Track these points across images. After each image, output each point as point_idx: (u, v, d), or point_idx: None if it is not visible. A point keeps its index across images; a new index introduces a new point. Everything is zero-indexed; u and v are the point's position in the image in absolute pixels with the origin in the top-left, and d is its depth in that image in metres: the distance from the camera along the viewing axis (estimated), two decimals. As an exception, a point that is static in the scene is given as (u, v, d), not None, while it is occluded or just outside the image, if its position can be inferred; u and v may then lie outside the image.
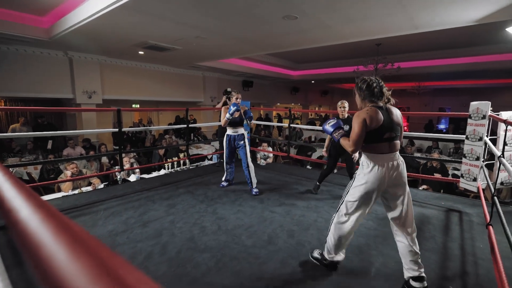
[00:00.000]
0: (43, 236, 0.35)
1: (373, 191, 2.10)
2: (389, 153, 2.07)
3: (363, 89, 2.13)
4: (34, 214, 0.42)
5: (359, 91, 2.18)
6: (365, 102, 2.15)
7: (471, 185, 3.71)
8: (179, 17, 5.15)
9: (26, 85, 7.74)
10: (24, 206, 0.46)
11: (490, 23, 5.16)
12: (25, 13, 6.03)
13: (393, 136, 2.08)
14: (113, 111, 4.92)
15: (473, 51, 10.09)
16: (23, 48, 7.49)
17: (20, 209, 0.46)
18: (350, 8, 4.67)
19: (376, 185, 2.06)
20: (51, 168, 6.27)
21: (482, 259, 2.51)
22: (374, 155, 2.08)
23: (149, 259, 2.45)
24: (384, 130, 2.04)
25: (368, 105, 2.11)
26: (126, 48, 7.64)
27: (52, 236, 0.35)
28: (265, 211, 3.56)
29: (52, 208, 0.44)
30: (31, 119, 9.61)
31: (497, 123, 3.43)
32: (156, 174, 5.75)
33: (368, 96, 2.13)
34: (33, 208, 0.44)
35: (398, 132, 2.12)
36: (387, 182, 2.07)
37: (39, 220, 0.40)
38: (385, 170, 2.04)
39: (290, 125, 6.15)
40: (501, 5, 4.27)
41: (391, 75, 10.74)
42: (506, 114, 3.36)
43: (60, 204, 3.78)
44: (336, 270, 2.32)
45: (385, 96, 2.12)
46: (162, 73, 11.18)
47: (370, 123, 2.01)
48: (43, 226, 0.38)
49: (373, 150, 2.08)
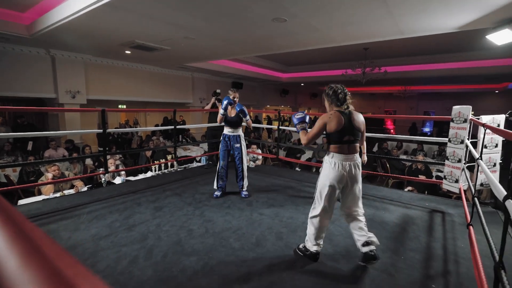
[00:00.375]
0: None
1: (334, 187, 2.37)
2: (348, 154, 2.36)
3: (330, 95, 2.44)
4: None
5: (327, 96, 2.48)
6: (332, 107, 2.45)
7: (454, 186, 3.80)
8: (167, 17, 5.07)
9: (5, 83, 7.44)
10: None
11: (472, 31, 5.39)
12: (4, 8, 5.82)
13: (352, 139, 2.37)
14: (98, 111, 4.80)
15: (457, 57, 10.48)
16: (2, 45, 7.21)
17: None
18: (338, 12, 4.74)
19: (337, 181, 2.35)
20: (31, 170, 6.08)
21: (463, 258, 2.59)
22: (336, 154, 2.36)
23: (134, 264, 2.37)
24: (344, 133, 2.33)
25: (334, 110, 2.40)
26: (112, 47, 7.49)
27: (5, 243, 0.31)
28: (253, 214, 3.52)
29: (14, 212, 0.38)
30: (10, 119, 9.29)
31: (477, 127, 3.51)
32: (142, 176, 5.63)
33: (334, 101, 2.42)
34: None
35: (358, 136, 2.41)
36: (346, 179, 2.37)
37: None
38: (344, 168, 2.34)
39: (279, 127, 6.14)
40: (481, 14, 4.46)
41: (378, 79, 10.96)
42: (486, 118, 3.46)
43: (40, 207, 3.65)
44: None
45: (346, 102, 2.40)
46: (150, 73, 11.02)
47: (330, 126, 2.32)
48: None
49: (334, 150, 2.37)
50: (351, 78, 10.74)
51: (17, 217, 0.37)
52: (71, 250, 2.58)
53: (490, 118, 3.49)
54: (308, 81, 15.17)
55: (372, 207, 3.85)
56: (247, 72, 12.64)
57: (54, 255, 0.29)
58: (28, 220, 0.36)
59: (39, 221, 3.21)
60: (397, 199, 4.22)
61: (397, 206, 3.88)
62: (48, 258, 0.29)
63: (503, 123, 3.50)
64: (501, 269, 1.42)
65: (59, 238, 2.82)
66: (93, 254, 2.53)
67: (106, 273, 2.25)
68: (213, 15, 4.97)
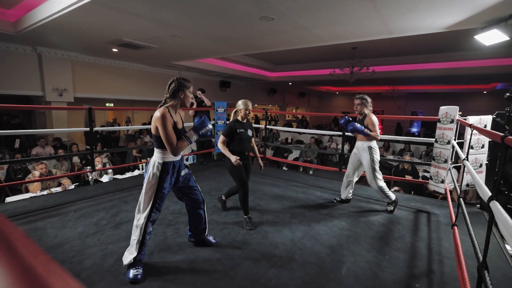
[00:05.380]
0: None
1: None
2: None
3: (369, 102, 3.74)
4: None
5: (367, 103, 3.72)
6: (369, 109, 3.69)
7: (439, 187, 3.84)
8: (154, 15, 5.06)
9: (-10, 81, 7.34)
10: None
11: (460, 31, 5.39)
12: (-12, 5, 5.74)
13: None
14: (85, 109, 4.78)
15: (445, 57, 10.51)
16: (-14, 42, 7.10)
17: None
18: (326, 11, 4.73)
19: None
20: (19, 168, 6.03)
21: (448, 257, 2.63)
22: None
23: (120, 261, 2.39)
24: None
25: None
26: (99, 45, 7.43)
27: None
28: (240, 212, 3.55)
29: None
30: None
31: (465, 127, 3.54)
32: (130, 175, 5.63)
33: (368, 107, 3.71)
34: None
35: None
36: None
37: None
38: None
39: (266, 127, 6.18)
40: (469, 14, 4.46)
41: (367, 79, 10.99)
42: (473, 119, 3.48)
43: (27, 205, 3.64)
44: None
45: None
46: (137, 71, 10.96)
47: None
48: None
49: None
50: (339, 77, 10.79)
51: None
52: (58, 248, 2.59)
53: (477, 118, 3.51)
54: (296, 80, 15.20)
55: (358, 206, 3.91)
56: (235, 71, 12.64)
57: (28, 254, 0.30)
58: (7, 219, 0.38)
59: (26, 219, 3.21)
60: (383, 199, 4.22)
61: (383, 206, 3.89)
62: (21, 256, 0.30)
63: (490, 124, 3.53)
64: (484, 269, 1.42)
65: (46, 235, 2.83)
66: (80, 251, 2.54)
67: (93, 270, 2.27)
68: (200, 13, 4.96)
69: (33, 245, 0.33)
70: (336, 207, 3.85)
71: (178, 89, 2.30)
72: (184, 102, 2.38)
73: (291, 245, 2.78)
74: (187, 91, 2.36)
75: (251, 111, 3.35)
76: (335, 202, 4.00)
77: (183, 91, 2.32)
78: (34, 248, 0.32)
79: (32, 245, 0.32)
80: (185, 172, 2.54)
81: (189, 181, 2.60)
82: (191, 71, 12.39)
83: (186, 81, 2.36)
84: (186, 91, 2.35)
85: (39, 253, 0.31)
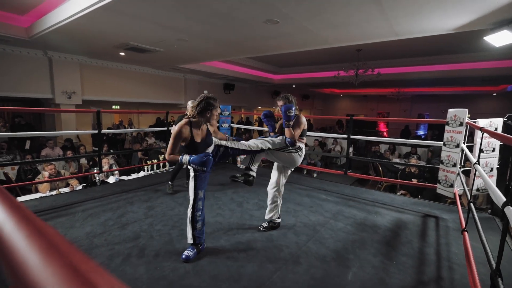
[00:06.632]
0: (17, 240, 0.36)
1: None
2: None
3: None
4: (9, 217, 0.42)
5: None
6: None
7: (448, 191, 3.73)
8: (161, 19, 5.12)
9: (3, 84, 7.57)
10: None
11: (469, 32, 5.23)
12: (4, 11, 5.91)
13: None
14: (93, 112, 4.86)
15: (452, 59, 10.23)
16: (1, 47, 7.33)
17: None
18: (332, 13, 4.68)
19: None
20: (29, 169, 6.15)
21: (457, 264, 2.56)
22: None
23: (127, 262, 2.44)
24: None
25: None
26: (107, 49, 7.54)
27: (26, 240, 0.36)
28: (244, 215, 3.59)
29: (27, 211, 0.44)
30: (8, 119, 9.38)
31: (474, 130, 3.45)
32: (135, 176, 5.69)
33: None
34: (8, 211, 0.44)
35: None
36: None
37: (13, 223, 0.40)
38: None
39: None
40: (480, 14, 4.33)
41: (371, 81, 10.89)
42: (483, 122, 3.38)
43: (37, 205, 3.72)
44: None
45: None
46: (143, 74, 11.08)
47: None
48: (17, 230, 0.38)
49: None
50: (343, 79, 10.70)
51: (31, 216, 0.43)
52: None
53: (488, 121, 3.42)
54: (300, 83, 15.08)
55: (363, 210, 3.85)
56: (239, 74, 12.67)
57: (68, 251, 0.34)
58: (39, 218, 0.42)
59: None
60: (390, 203, 4.17)
61: (390, 210, 3.85)
62: (64, 254, 0.33)
63: (500, 127, 3.43)
64: (498, 277, 1.38)
65: (54, 236, 2.87)
66: (87, 251, 2.60)
67: (100, 271, 2.31)
68: (205, 17, 5.00)
69: (69, 243, 0.36)
70: (341, 211, 3.83)
71: (206, 108, 2.45)
72: (209, 121, 2.55)
73: (296, 249, 2.77)
74: (214, 111, 2.51)
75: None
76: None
77: (210, 110, 2.47)
78: (71, 246, 0.36)
79: (69, 242, 0.36)
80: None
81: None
82: (196, 74, 12.47)
83: (214, 101, 2.49)
84: (213, 111, 2.51)
85: (76, 250, 0.35)
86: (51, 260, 0.31)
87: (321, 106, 25.00)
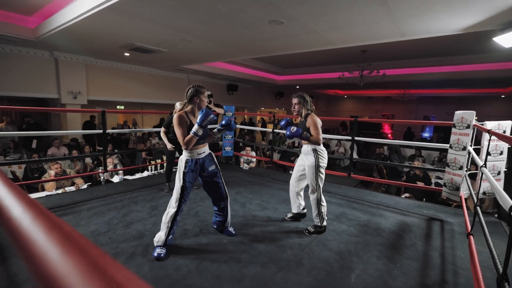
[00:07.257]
0: (35, 234, 0.38)
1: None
2: None
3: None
4: (26, 212, 0.44)
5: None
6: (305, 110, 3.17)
7: (454, 194, 3.68)
8: (166, 20, 5.16)
9: (11, 84, 7.70)
10: (15, 205, 0.47)
11: (477, 32, 5.13)
12: (12, 12, 6.00)
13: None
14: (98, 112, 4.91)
15: (460, 60, 10.05)
16: (9, 47, 7.47)
17: (12, 207, 0.47)
18: (337, 14, 4.64)
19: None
20: (35, 168, 6.22)
21: (462, 268, 2.53)
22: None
23: (131, 260, 2.47)
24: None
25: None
26: (112, 49, 7.62)
27: (44, 234, 0.37)
28: (247, 216, 3.60)
29: (42, 207, 0.46)
30: (16, 119, 9.54)
31: (482, 133, 3.33)
32: (139, 176, 5.73)
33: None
34: (24, 207, 0.46)
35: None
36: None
37: (31, 218, 0.42)
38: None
39: (273, 130, 6.22)
40: (489, 14, 4.26)
41: (376, 82, 10.78)
42: (491, 124, 3.32)
43: (44, 203, 3.75)
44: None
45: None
46: (147, 75, 11.18)
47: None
48: (35, 224, 0.40)
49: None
50: (348, 81, 10.63)
51: (47, 211, 0.44)
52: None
53: (496, 124, 3.35)
54: (304, 84, 15.01)
55: (367, 213, 3.82)
56: (242, 74, 12.69)
57: (86, 246, 0.34)
58: (54, 214, 0.43)
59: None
60: (394, 205, 4.13)
61: (394, 213, 3.81)
62: (82, 248, 0.33)
63: (509, 130, 3.37)
64: (505, 282, 1.36)
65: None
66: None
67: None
68: (210, 18, 5.02)
69: (92, 243, 0.36)
70: (344, 213, 3.80)
71: (194, 95, 2.69)
72: (200, 106, 2.74)
73: (299, 250, 2.77)
74: (202, 96, 2.74)
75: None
76: (287, 219, 3.55)
77: (198, 96, 2.70)
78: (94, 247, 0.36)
79: (91, 243, 0.36)
80: (212, 168, 2.86)
81: (215, 177, 2.89)
82: (199, 74, 12.53)
83: (201, 88, 2.73)
84: (201, 96, 2.73)
85: (100, 251, 0.34)
86: (69, 253, 0.32)
87: (324, 107, 24.95)
